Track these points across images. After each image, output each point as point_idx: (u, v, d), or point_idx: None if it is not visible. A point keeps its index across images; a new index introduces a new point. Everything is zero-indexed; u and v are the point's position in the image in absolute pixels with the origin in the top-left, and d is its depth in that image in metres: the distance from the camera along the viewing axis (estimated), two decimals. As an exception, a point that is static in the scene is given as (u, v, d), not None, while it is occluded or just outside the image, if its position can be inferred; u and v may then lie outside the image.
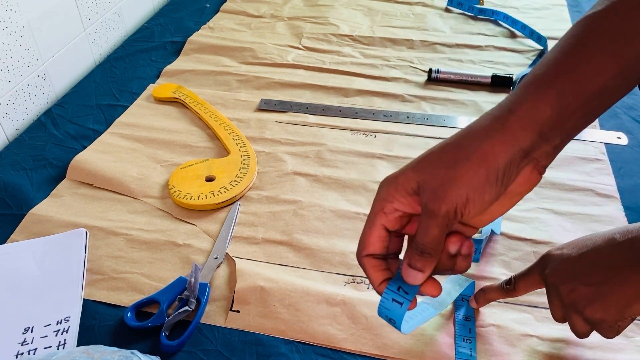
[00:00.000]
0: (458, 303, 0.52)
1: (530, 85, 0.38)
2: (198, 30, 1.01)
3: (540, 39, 0.92)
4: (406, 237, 0.42)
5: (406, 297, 0.39)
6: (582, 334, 0.44)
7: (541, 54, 0.89)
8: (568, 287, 0.42)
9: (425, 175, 0.38)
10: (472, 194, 0.36)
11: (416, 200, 0.39)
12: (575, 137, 0.45)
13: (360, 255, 0.41)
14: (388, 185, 0.40)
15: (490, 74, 0.83)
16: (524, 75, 0.83)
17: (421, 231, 0.38)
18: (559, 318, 0.45)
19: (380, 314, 0.41)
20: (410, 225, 0.40)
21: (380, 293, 0.41)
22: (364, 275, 0.55)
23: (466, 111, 0.79)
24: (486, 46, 0.94)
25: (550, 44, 0.91)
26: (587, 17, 0.38)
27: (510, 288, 0.48)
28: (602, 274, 0.41)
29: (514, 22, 0.97)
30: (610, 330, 0.42)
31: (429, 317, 0.49)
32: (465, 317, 0.51)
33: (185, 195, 0.64)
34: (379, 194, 0.40)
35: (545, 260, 0.45)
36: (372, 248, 0.40)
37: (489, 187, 0.37)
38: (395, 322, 0.40)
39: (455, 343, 0.49)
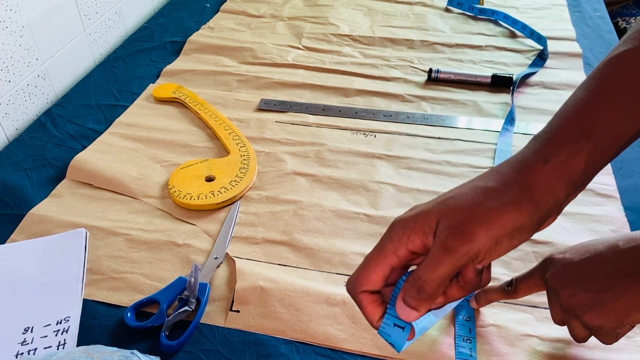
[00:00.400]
0: (458, 303, 0.52)
1: (565, 131, 0.36)
2: (198, 30, 1.01)
3: (540, 39, 0.92)
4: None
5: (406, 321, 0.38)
6: (580, 338, 0.44)
7: (541, 54, 0.89)
8: (568, 292, 0.42)
9: (448, 210, 0.35)
10: (503, 238, 0.34)
11: (431, 240, 0.36)
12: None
13: (356, 291, 0.38)
14: (404, 225, 0.37)
15: (490, 74, 0.83)
16: (525, 75, 0.83)
17: (427, 266, 0.35)
18: (558, 321, 0.45)
19: (380, 334, 0.39)
20: (419, 259, 0.38)
21: (377, 328, 0.39)
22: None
23: (466, 111, 0.79)
24: (486, 46, 0.94)
25: (550, 44, 0.91)
26: (619, 55, 0.36)
27: (511, 290, 0.48)
28: (603, 281, 0.41)
29: (514, 22, 0.97)
30: (609, 336, 0.42)
31: (428, 325, 0.48)
32: (466, 317, 0.51)
33: (185, 195, 0.64)
34: (393, 234, 0.37)
35: (547, 264, 0.45)
36: (372, 286, 0.38)
37: (520, 235, 0.35)
38: (395, 346, 0.39)
39: (455, 343, 0.49)
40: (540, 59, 0.89)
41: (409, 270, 0.39)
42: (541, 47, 0.91)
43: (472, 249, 0.34)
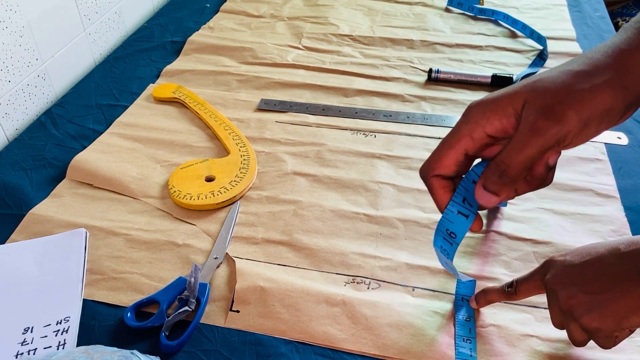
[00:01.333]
0: (458, 303, 0.52)
1: None
2: (198, 30, 1.01)
3: (540, 39, 0.92)
4: None
5: (471, 210, 0.38)
6: (579, 342, 0.44)
7: (541, 54, 0.89)
8: (567, 294, 0.42)
9: (537, 92, 0.34)
10: (592, 122, 0.33)
11: (512, 123, 0.35)
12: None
13: (428, 175, 0.39)
14: (484, 107, 0.36)
15: (490, 74, 0.83)
16: (525, 75, 0.83)
17: (512, 149, 0.34)
18: (557, 324, 0.45)
19: (438, 232, 0.39)
20: (490, 149, 0.38)
21: (442, 212, 0.39)
22: (365, 275, 0.55)
23: (466, 111, 0.79)
24: (486, 46, 0.94)
25: (550, 44, 0.91)
26: None
27: (512, 291, 0.48)
28: (603, 283, 0.41)
29: (514, 22, 0.97)
30: (608, 340, 0.42)
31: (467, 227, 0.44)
32: (466, 318, 0.51)
33: (185, 195, 0.64)
34: (471, 116, 0.36)
35: (547, 266, 0.45)
36: (444, 170, 0.38)
37: (608, 120, 0.34)
38: (452, 245, 0.38)
39: (455, 343, 0.49)
40: (540, 59, 0.89)
41: (475, 162, 0.39)
42: (541, 47, 0.91)
43: (561, 131, 0.33)
